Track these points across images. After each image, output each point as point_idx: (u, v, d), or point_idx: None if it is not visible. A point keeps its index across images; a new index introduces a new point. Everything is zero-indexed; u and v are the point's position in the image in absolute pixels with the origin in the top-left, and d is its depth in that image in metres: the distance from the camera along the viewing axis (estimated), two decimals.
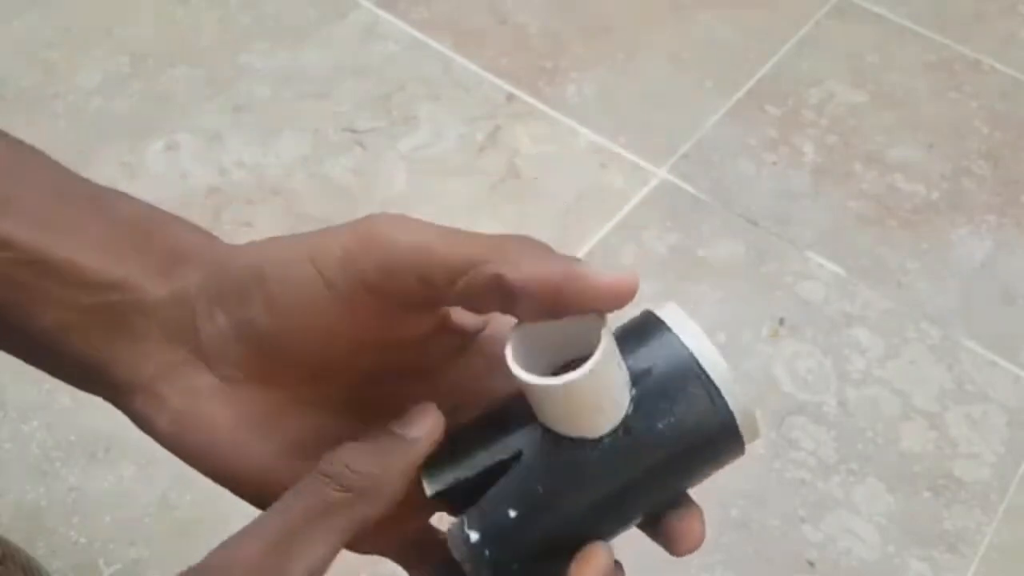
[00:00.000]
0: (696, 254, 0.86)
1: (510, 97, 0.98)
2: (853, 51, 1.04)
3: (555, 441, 0.28)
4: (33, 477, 0.72)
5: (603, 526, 0.29)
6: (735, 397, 0.28)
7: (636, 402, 0.28)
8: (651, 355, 0.28)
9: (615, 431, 0.28)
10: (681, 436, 0.28)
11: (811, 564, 0.71)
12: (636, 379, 0.28)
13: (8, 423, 0.74)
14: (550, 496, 0.28)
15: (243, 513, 0.29)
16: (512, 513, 0.28)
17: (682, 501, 0.30)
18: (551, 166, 0.92)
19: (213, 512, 0.69)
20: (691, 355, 0.28)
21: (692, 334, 0.28)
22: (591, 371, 0.26)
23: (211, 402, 0.29)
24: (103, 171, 0.89)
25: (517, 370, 0.27)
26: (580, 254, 0.84)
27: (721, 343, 0.81)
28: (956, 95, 1.00)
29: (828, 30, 1.06)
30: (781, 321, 0.78)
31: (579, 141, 0.95)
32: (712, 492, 0.73)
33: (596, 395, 0.27)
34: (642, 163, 0.93)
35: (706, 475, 0.30)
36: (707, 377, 0.28)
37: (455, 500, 0.29)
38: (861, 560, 0.71)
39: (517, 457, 0.28)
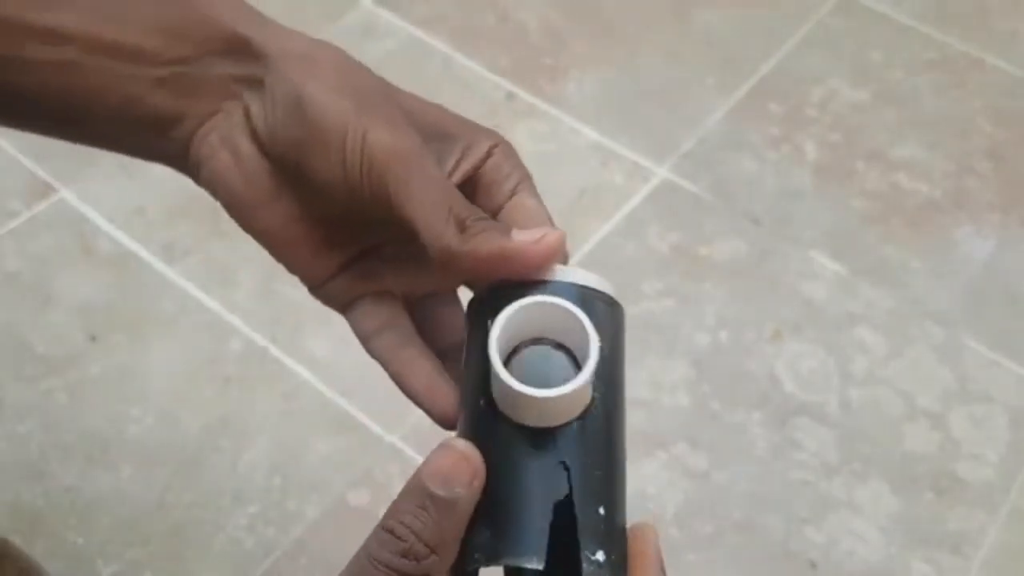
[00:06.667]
0: (698, 253, 0.86)
1: (510, 95, 0.97)
2: (856, 49, 1.04)
3: (575, 428, 0.29)
4: (31, 478, 0.71)
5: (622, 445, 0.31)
6: (592, 282, 0.30)
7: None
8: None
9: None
10: (612, 341, 0.30)
11: (813, 565, 0.70)
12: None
13: (5, 423, 0.74)
14: (608, 468, 0.29)
15: (241, 514, 0.29)
16: (602, 510, 0.28)
17: None
18: (552, 164, 0.92)
19: (211, 513, 0.69)
20: (569, 286, 0.30)
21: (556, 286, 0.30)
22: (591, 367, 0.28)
23: (247, 164, 0.32)
24: (102, 169, 0.88)
25: (537, 393, 0.27)
26: (581, 253, 0.84)
27: (724, 342, 0.81)
28: (959, 93, 1.00)
29: (830, 28, 1.05)
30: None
31: (580, 139, 0.94)
32: (714, 493, 0.74)
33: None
34: (643, 161, 0.93)
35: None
36: (580, 288, 0.30)
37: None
38: (864, 561, 0.70)
39: (566, 468, 0.28)
